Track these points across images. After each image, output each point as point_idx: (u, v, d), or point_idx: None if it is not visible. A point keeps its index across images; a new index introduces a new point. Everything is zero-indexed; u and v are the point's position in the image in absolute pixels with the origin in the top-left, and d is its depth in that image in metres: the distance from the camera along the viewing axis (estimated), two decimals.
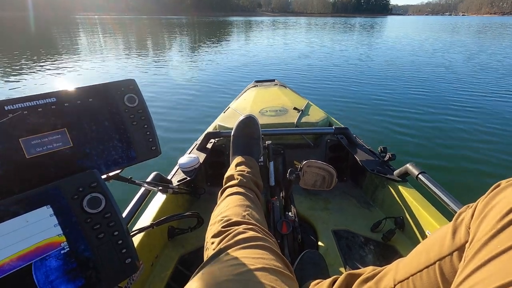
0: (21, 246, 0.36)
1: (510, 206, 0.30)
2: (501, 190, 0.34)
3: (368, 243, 0.95)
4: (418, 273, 0.42)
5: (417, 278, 0.42)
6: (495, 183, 0.36)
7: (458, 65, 6.65)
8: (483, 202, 0.36)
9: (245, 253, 0.47)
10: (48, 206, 0.39)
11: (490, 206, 0.34)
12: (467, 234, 0.37)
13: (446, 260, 0.39)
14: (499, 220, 0.30)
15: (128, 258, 0.44)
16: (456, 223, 0.40)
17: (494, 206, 0.33)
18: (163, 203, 0.96)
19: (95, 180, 0.45)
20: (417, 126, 3.05)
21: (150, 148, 0.55)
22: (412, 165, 0.97)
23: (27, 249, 0.37)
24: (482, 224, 0.33)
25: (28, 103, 0.43)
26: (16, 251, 0.36)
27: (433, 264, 0.40)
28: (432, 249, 0.42)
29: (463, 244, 0.37)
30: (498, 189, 0.35)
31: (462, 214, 0.40)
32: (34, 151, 0.42)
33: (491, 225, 0.31)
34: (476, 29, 24.53)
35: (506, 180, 0.35)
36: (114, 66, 6.55)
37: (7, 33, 15.51)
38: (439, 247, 0.40)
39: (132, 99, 0.54)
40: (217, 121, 1.42)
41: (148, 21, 27.73)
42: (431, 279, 0.40)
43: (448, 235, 0.40)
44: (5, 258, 0.35)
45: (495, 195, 0.35)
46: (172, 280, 0.83)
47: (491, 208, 0.34)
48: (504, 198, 0.33)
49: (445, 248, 0.39)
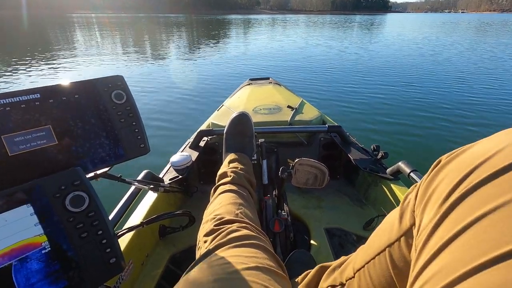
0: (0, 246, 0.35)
1: (450, 187, 0.27)
2: (442, 168, 0.31)
3: (360, 241, 0.95)
4: (371, 261, 0.41)
5: (371, 266, 0.41)
6: (437, 159, 0.32)
7: (452, 64, 6.70)
8: (425, 182, 0.32)
9: (238, 252, 0.47)
10: (28, 204, 0.38)
11: (432, 187, 0.31)
12: (413, 217, 0.34)
13: (395, 246, 0.37)
14: (441, 204, 0.27)
15: (112, 258, 0.43)
16: (403, 207, 0.38)
17: (436, 187, 0.30)
18: (154, 201, 0.95)
19: (78, 178, 0.44)
20: (410, 124, 3.07)
21: (139, 146, 0.54)
22: (404, 163, 0.97)
23: (6, 248, 0.36)
24: (426, 208, 0.30)
25: (11, 99, 0.42)
26: None
27: (383, 250, 0.39)
28: (383, 235, 0.40)
29: (409, 228, 0.35)
30: (438, 167, 0.31)
31: (409, 196, 0.38)
32: (17, 148, 0.41)
33: (434, 210, 0.28)
34: (475, 26, 24.72)
35: (446, 154, 0.31)
36: (106, 64, 6.48)
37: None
38: (388, 233, 0.39)
39: (120, 95, 0.52)
40: (211, 119, 1.41)
41: (145, 20, 27.35)
42: (382, 266, 0.39)
43: (396, 219, 0.38)
44: None
45: (436, 173, 0.31)
46: (163, 279, 0.82)
47: (433, 190, 0.30)
48: (445, 177, 0.29)
49: (393, 233, 0.38)
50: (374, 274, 0.40)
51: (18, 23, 22.68)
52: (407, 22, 35.99)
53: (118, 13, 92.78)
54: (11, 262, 0.36)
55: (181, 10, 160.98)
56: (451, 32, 17.71)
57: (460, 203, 0.25)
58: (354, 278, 0.45)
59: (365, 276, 0.42)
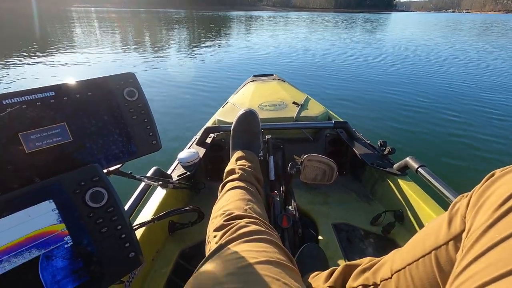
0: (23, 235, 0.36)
1: (505, 196, 0.30)
2: (496, 180, 0.34)
3: (368, 236, 0.95)
4: (414, 263, 0.43)
5: (413, 268, 0.43)
6: (490, 173, 0.37)
7: (459, 60, 6.66)
8: (478, 191, 0.36)
9: (249, 247, 0.48)
10: (50, 200, 0.39)
11: (485, 196, 0.34)
12: (463, 223, 0.37)
13: (442, 250, 0.39)
14: (495, 210, 0.30)
15: (131, 252, 0.44)
16: (452, 213, 0.40)
17: (490, 195, 0.33)
18: (164, 198, 0.96)
19: (96, 174, 0.44)
20: (417, 119, 3.05)
21: (151, 143, 0.54)
22: (412, 159, 0.97)
23: (31, 233, 0.37)
24: (478, 214, 0.33)
25: (27, 97, 0.42)
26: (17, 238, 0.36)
27: (429, 253, 0.41)
28: (428, 239, 0.42)
29: (459, 233, 0.37)
30: (492, 178, 0.35)
31: (457, 203, 0.40)
32: (33, 145, 0.42)
33: (487, 215, 0.31)
34: (480, 26, 24.38)
35: (500, 169, 0.35)
36: (110, 60, 6.47)
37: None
38: (435, 237, 0.41)
39: (132, 93, 0.53)
40: (216, 115, 1.42)
41: (145, 14, 27.20)
42: (427, 268, 0.41)
43: (444, 224, 0.40)
44: (8, 243, 0.35)
45: (490, 184, 0.35)
46: (173, 274, 0.83)
47: (486, 198, 0.34)
48: (499, 188, 0.33)
49: (440, 237, 0.40)
50: (416, 275, 0.42)
51: (13, 18, 22.67)
52: (411, 21, 35.59)
53: (117, 7, 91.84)
54: (38, 256, 0.37)
55: (182, 5, 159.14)
56: (458, 31, 17.50)
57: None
58: (391, 279, 0.46)
59: (405, 277, 0.44)
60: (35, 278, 0.36)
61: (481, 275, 0.25)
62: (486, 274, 0.25)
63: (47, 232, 0.38)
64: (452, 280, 0.30)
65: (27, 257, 0.36)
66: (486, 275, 0.25)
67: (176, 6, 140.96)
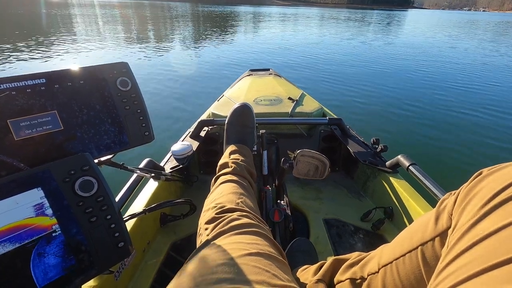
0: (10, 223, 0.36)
1: (491, 194, 0.31)
2: (483, 178, 0.35)
3: (358, 232, 0.97)
4: (401, 258, 0.44)
5: (400, 262, 0.44)
6: (477, 171, 0.37)
7: (452, 59, 6.70)
8: (466, 189, 0.37)
9: (240, 239, 0.48)
10: (39, 188, 0.39)
11: (472, 193, 0.35)
12: (449, 220, 0.38)
13: (428, 245, 0.40)
14: (481, 207, 0.31)
15: (121, 242, 0.44)
16: (439, 210, 0.41)
17: (477, 193, 0.34)
18: (156, 190, 0.95)
19: (87, 163, 0.44)
20: (410, 118, 3.09)
21: (143, 134, 0.54)
22: (404, 157, 0.98)
23: (17, 222, 0.36)
24: (464, 211, 0.34)
25: (17, 84, 0.41)
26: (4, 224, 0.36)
27: (416, 249, 0.42)
28: (415, 235, 0.43)
29: (445, 230, 0.38)
30: (480, 177, 0.36)
31: (445, 201, 0.41)
32: (23, 133, 0.41)
33: (473, 211, 0.32)
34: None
35: (487, 168, 0.36)
36: (105, 50, 6.37)
37: None
38: (422, 233, 0.42)
39: (125, 82, 0.52)
40: (211, 109, 1.41)
41: (149, 12, 26.63)
42: (413, 263, 0.42)
43: (431, 221, 0.41)
44: None
45: (477, 182, 0.35)
46: (164, 266, 0.84)
47: (473, 196, 0.34)
48: (486, 186, 0.33)
49: (427, 233, 0.41)
50: (403, 270, 0.43)
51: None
52: (425, 19, 35.52)
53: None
54: (28, 245, 0.37)
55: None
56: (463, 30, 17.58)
57: (498, 208, 0.29)
58: (378, 273, 0.47)
59: (392, 271, 0.45)
60: (25, 267, 0.36)
61: (462, 271, 0.26)
62: (468, 269, 0.25)
63: (35, 219, 0.38)
64: (436, 275, 0.30)
65: (16, 244, 0.36)
66: (468, 271, 0.25)
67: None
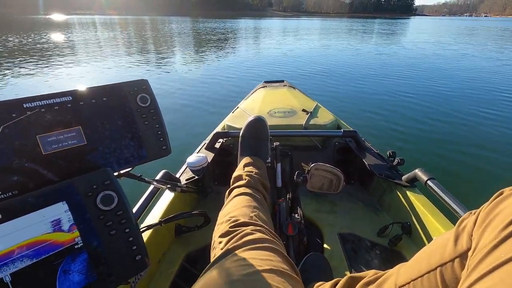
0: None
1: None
2: (504, 198, 0.34)
3: (374, 248, 0.94)
4: (419, 278, 0.42)
5: (417, 283, 0.42)
6: (498, 191, 0.36)
7: (475, 72, 6.48)
8: (486, 210, 0.36)
9: (253, 254, 0.48)
10: (63, 202, 0.41)
11: (493, 214, 0.34)
12: (470, 241, 0.37)
13: (448, 267, 0.39)
14: (502, 229, 0.30)
15: (138, 255, 0.45)
16: (459, 230, 0.40)
17: (497, 214, 0.33)
18: (171, 201, 0.97)
19: (108, 178, 0.46)
20: (428, 131, 3.00)
21: (161, 147, 0.56)
22: (421, 171, 0.95)
23: (41, 237, 0.38)
24: (485, 233, 0.33)
25: (46, 101, 0.44)
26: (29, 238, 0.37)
27: (434, 269, 0.40)
28: (433, 255, 0.41)
29: (465, 251, 0.37)
30: (501, 197, 0.35)
31: (465, 221, 0.40)
32: (50, 147, 0.44)
33: (494, 233, 0.31)
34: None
35: (509, 188, 0.35)
36: (123, 68, 6.57)
37: None
38: (440, 253, 0.40)
39: (145, 99, 0.55)
40: (226, 121, 1.43)
41: (149, 21, 27.08)
42: (431, 285, 0.40)
43: (450, 241, 0.40)
44: (22, 242, 0.36)
45: (498, 203, 0.34)
46: (178, 277, 0.84)
47: (494, 217, 0.33)
48: (507, 207, 0.32)
49: (446, 254, 0.39)
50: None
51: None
52: (428, 26, 34.95)
53: (119, 15, 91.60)
54: (55, 267, 0.39)
55: (186, 12, 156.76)
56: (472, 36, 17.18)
57: None
58: None
59: None
60: (51, 285, 0.38)
61: None
62: None
63: (58, 234, 0.39)
64: None
65: (42, 256, 0.37)
66: None
67: (180, 13, 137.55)
